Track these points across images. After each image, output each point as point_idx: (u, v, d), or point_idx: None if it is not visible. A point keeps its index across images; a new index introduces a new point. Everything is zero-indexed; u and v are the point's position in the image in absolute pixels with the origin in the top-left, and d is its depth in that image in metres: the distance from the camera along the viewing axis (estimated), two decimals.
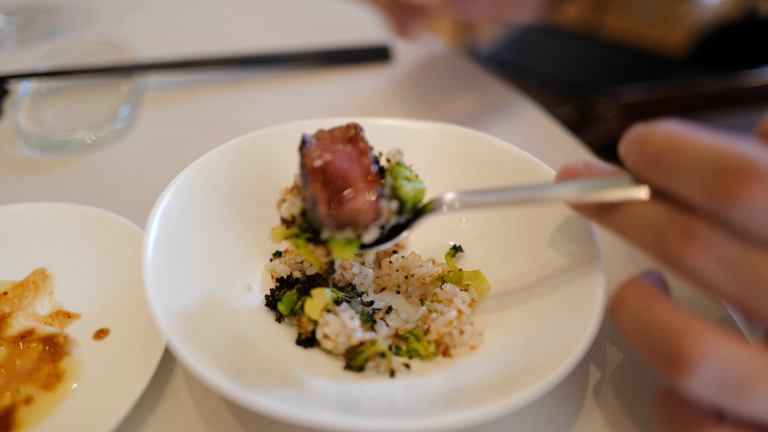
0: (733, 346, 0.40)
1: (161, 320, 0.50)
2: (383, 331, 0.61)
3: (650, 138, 0.44)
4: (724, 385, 0.40)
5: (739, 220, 0.39)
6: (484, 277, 0.65)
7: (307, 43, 1.14)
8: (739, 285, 0.40)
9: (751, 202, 0.38)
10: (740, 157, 0.39)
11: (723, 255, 0.40)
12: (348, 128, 0.58)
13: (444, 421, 0.45)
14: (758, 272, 0.39)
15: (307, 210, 0.56)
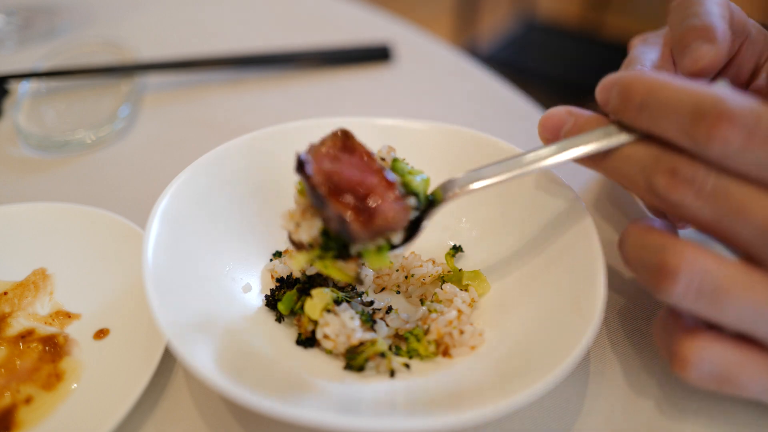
0: (710, 259, 0.45)
1: (161, 320, 0.50)
2: (383, 331, 0.61)
3: (633, 86, 0.48)
4: (701, 292, 0.45)
5: (714, 155, 0.44)
6: (484, 277, 0.65)
7: (307, 43, 1.14)
8: (715, 212, 0.46)
9: (724, 140, 0.43)
10: (714, 101, 0.44)
11: (701, 187, 0.45)
12: (336, 136, 0.57)
13: (444, 421, 0.45)
14: (731, 199, 0.45)
15: (331, 229, 0.53)
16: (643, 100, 0.48)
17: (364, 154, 0.56)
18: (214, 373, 0.48)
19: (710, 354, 0.46)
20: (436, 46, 1.18)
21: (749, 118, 0.43)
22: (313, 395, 0.53)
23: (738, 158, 0.44)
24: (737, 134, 0.43)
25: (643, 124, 0.49)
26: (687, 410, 0.56)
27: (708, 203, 0.46)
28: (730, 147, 0.44)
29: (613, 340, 0.62)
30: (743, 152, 0.44)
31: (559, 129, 0.56)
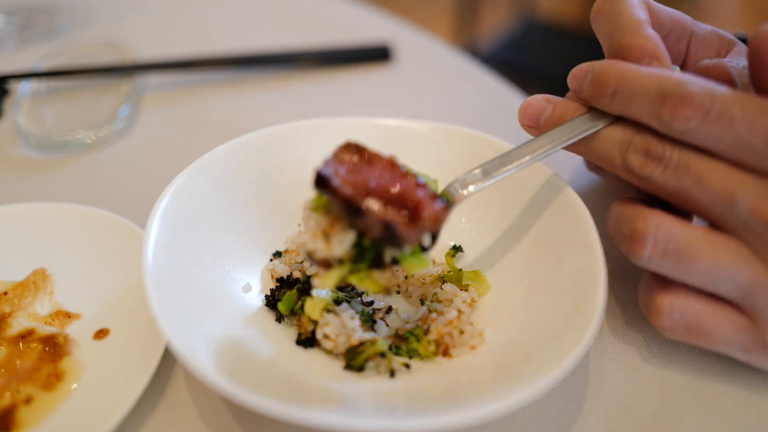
0: (675, 223, 0.51)
1: (161, 320, 0.50)
2: (383, 331, 0.61)
3: (605, 75, 0.55)
4: (667, 252, 0.51)
5: (678, 132, 0.51)
6: (484, 277, 0.65)
7: (307, 43, 1.14)
8: (679, 184, 0.52)
9: (685, 119, 0.49)
10: (675, 84, 0.50)
11: (668, 162, 0.52)
12: (348, 148, 0.56)
13: (444, 421, 0.45)
14: (691, 171, 0.51)
15: (371, 237, 0.52)
16: (615, 88, 0.54)
17: (383, 160, 0.56)
18: (214, 373, 0.48)
19: (681, 304, 0.53)
20: (436, 46, 1.18)
21: (705, 99, 0.49)
22: (313, 395, 0.53)
23: (697, 134, 0.50)
24: (695, 113, 0.49)
25: (616, 108, 0.55)
26: (687, 410, 0.56)
27: (673, 176, 0.52)
28: (690, 124, 0.49)
29: (613, 340, 0.62)
30: (701, 129, 0.49)
31: (538, 116, 0.62)
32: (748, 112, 0.48)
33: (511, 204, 0.68)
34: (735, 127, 0.48)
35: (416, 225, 0.52)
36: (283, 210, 0.71)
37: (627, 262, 0.70)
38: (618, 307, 0.65)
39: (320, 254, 0.53)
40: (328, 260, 0.53)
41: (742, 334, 0.52)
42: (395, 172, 0.56)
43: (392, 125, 0.74)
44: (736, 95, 0.49)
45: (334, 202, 0.52)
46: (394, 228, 0.51)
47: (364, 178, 0.54)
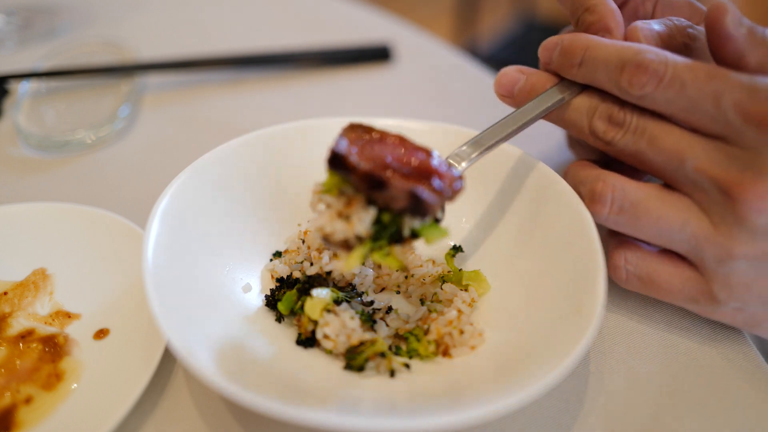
0: (630, 182, 0.58)
1: (161, 321, 0.50)
2: (383, 331, 0.61)
3: (572, 46, 0.60)
4: (622, 209, 0.57)
5: (635, 98, 0.56)
6: (484, 277, 0.65)
7: (307, 43, 1.14)
8: (636, 145, 0.57)
9: (641, 85, 0.55)
10: (633, 53, 0.55)
11: (628, 126, 0.57)
12: (353, 128, 0.57)
13: (444, 421, 0.45)
14: (646, 133, 0.56)
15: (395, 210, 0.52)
16: (582, 58, 0.59)
17: (392, 136, 0.57)
18: (214, 373, 0.48)
19: (634, 257, 0.59)
20: (436, 46, 1.18)
21: (660, 66, 0.53)
22: (313, 395, 0.53)
23: (653, 99, 0.55)
24: (650, 80, 0.54)
25: (583, 77, 0.60)
26: (686, 410, 0.56)
27: (632, 139, 0.57)
28: (645, 90, 0.54)
29: (612, 340, 0.62)
30: (656, 94, 0.54)
31: (513, 86, 0.66)
32: (697, 77, 0.52)
33: (511, 205, 0.68)
34: (686, 91, 0.53)
35: (440, 192, 0.53)
36: (283, 210, 0.71)
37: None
38: (618, 307, 0.65)
39: (339, 235, 0.53)
40: (347, 241, 0.53)
41: (690, 285, 0.57)
42: (407, 145, 0.56)
43: (392, 125, 0.74)
44: (688, 63, 0.53)
45: (352, 180, 0.52)
46: (420, 196, 0.51)
47: (378, 153, 0.54)
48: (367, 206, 0.53)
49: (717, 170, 0.52)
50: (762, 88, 0.50)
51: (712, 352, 0.61)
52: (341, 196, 0.54)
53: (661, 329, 0.63)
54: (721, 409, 0.56)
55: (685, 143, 0.54)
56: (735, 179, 0.51)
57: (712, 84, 0.52)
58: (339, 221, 0.53)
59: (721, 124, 0.52)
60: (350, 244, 0.53)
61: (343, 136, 0.55)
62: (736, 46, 0.55)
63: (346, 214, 0.53)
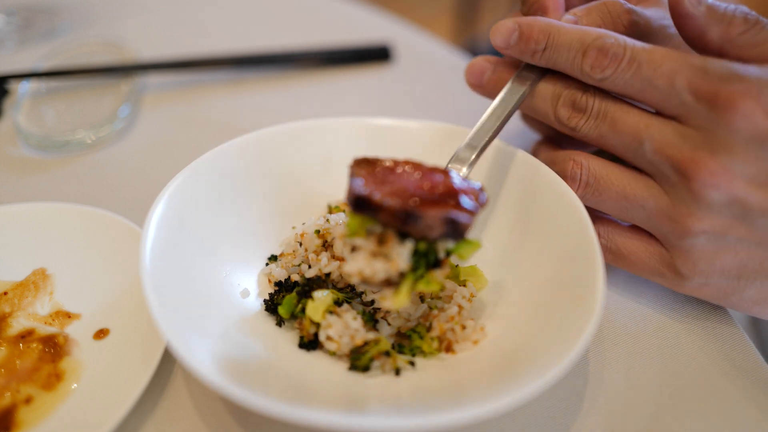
0: (596, 161, 0.62)
1: (161, 322, 0.50)
2: (385, 330, 0.61)
3: (532, 31, 0.62)
4: (588, 184, 0.61)
5: (596, 81, 0.58)
6: (482, 272, 0.65)
7: (307, 43, 1.14)
8: (599, 130, 0.60)
9: (601, 68, 0.57)
10: (594, 37, 0.58)
11: (590, 111, 0.60)
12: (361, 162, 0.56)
13: (451, 418, 0.45)
14: (608, 116, 0.59)
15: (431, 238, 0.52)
16: (545, 43, 0.61)
17: (402, 163, 0.56)
18: (214, 373, 0.48)
19: (606, 232, 0.63)
20: (436, 46, 1.18)
21: (619, 49, 0.56)
22: (318, 396, 0.52)
23: (612, 82, 0.57)
24: (610, 62, 0.57)
25: (546, 62, 0.62)
26: (686, 410, 0.56)
27: (594, 124, 0.60)
28: (606, 73, 0.57)
29: (612, 339, 0.62)
30: (615, 76, 0.57)
31: (481, 76, 0.70)
32: (653, 59, 0.55)
33: (504, 199, 0.68)
34: (642, 71, 0.55)
35: (470, 210, 0.53)
36: (283, 210, 0.71)
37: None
38: (617, 307, 0.65)
39: (381, 275, 0.52)
40: (389, 279, 0.52)
41: (656, 260, 0.60)
42: (421, 169, 0.56)
43: (392, 125, 0.74)
44: (646, 47, 0.56)
45: (380, 218, 0.51)
46: (458, 220, 0.51)
47: (397, 184, 0.53)
48: (402, 240, 0.52)
49: (672, 150, 0.54)
50: (713, 68, 0.52)
51: (712, 352, 0.61)
52: (370, 235, 0.53)
53: (660, 329, 0.63)
54: (721, 409, 0.56)
55: (643, 125, 0.56)
56: (689, 158, 0.53)
57: (667, 65, 0.54)
58: (376, 261, 0.52)
59: (675, 103, 0.54)
60: (392, 281, 0.52)
61: (355, 175, 0.54)
62: (697, 23, 0.57)
63: (383, 253, 0.52)
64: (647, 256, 0.60)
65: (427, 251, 0.53)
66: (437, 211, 0.51)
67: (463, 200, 0.53)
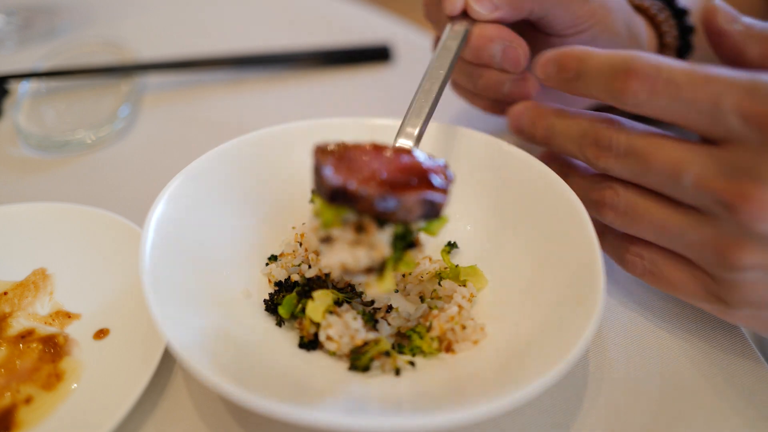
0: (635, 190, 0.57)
1: (160, 323, 0.50)
2: (385, 330, 0.61)
3: (566, 60, 0.57)
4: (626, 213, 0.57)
5: (631, 107, 0.53)
6: (481, 272, 0.65)
7: (307, 43, 1.14)
8: (632, 170, 0.55)
9: (633, 92, 0.51)
10: (624, 60, 0.52)
11: (617, 150, 0.55)
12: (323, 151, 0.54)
13: (451, 418, 0.45)
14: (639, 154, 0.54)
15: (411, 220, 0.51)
16: (576, 71, 0.56)
17: (366, 145, 0.55)
18: (214, 373, 0.48)
19: (648, 254, 0.58)
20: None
21: (651, 71, 0.50)
22: (318, 396, 0.53)
23: (649, 107, 0.52)
24: (643, 85, 0.51)
25: (581, 91, 0.57)
26: (687, 411, 0.56)
27: (624, 163, 0.55)
28: (639, 97, 0.51)
29: (613, 339, 0.62)
30: (649, 101, 0.51)
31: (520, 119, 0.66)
32: (693, 80, 0.49)
33: (504, 198, 0.68)
34: (681, 95, 0.50)
35: (442, 189, 0.52)
36: (281, 211, 0.71)
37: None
38: (617, 307, 0.65)
39: (363, 263, 0.51)
40: (370, 267, 0.51)
41: (701, 288, 0.56)
42: (386, 151, 0.55)
43: (392, 125, 0.74)
44: (684, 67, 0.51)
45: (358, 208, 0.50)
46: (434, 200, 0.51)
47: (367, 169, 0.52)
48: (381, 226, 0.51)
49: (715, 182, 0.50)
50: (762, 87, 0.48)
51: (712, 352, 0.61)
52: (345, 224, 0.52)
53: (661, 329, 0.63)
54: (721, 409, 0.56)
55: (679, 159, 0.51)
56: (734, 189, 0.49)
57: (710, 87, 0.49)
58: (358, 249, 0.51)
59: (721, 128, 0.49)
60: (374, 267, 0.51)
61: (322, 163, 0.52)
62: (734, 41, 0.54)
63: (363, 241, 0.51)
64: (693, 284, 0.56)
65: (404, 233, 0.53)
66: (414, 195, 0.50)
67: (434, 179, 0.52)
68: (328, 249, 0.51)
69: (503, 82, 0.72)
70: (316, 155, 0.53)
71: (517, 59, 0.69)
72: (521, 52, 0.69)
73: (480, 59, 0.69)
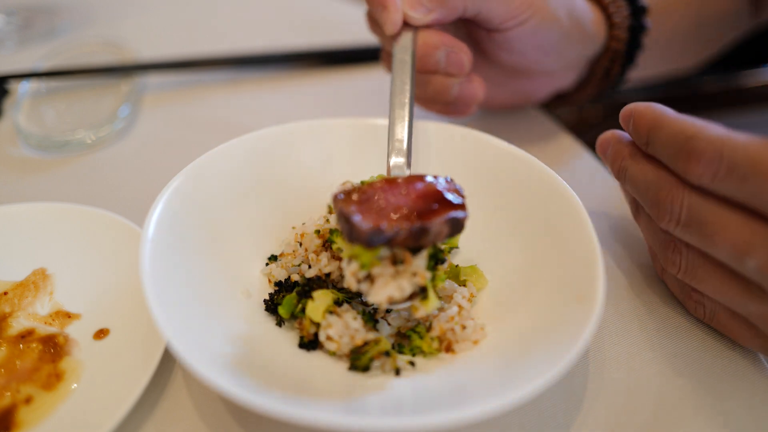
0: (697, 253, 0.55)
1: (160, 323, 0.50)
2: (385, 330, 0.61)
3: (639, 124, 0.57)
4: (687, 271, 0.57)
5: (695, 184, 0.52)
6: (481, 272, 0.65)
7: (307, 43, 1.14)
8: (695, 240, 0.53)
9: (698, 176, 0.50)
10: (687, 140, 0.51)
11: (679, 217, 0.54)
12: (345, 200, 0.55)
13: (451, 418, 0.45)
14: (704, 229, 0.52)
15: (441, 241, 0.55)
16: (647, 138, 0.56)
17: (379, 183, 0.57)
18: (214, 373, 0.48)
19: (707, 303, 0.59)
20: None
21: (714, 158, 0.49)
22: (318, 396, 0.52)
23: (715, 190, 0.50)
24: (705, 171, 0.50)
25: (651, 151, 0.57)
26: (687, 410, 0.56)
27: (686, 232, 0.54)
28: (703, 181, 0.51)
29: (612, 339, 0.62)
30: (714, 186, 0.50)
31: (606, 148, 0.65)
32: (756, 168, 0.47)
33: (504, 198, 0.68)
34: (747, 185, 0.48)
35: (460, 206, 0.54)
36: (283, 210, 0.71)
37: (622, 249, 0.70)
38: (617, 307, 0.65)
39: (408, 291, 0.54)
40: (413, 292, 0.55)
41: (756, 341, 0.56)
42: (399, 184, 0.57)
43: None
44: (747, 150, 0.47)
45: (393, 244, 0.53)
46: (458, 218, 0.53)
47: (389, 206, 0.54)
48: (415, 254, 0.54)
49: None
50: None
51: (712, 352, 0.61)
52: (383, 260, 0.54)
53: (660, 330, 0.63)
54: (721, 409, 0.56)
55: (744, 240, 0.49)
56: None
57: None
58: (402, 280, 0.54)
59: None
60: (416, 292, 0.55)
61: (348, 212, 0.53)
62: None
63: (404, 271, 0.54)
64: (750, 338, 0.57)
65: (435, 253, 0.56)
66: (441, 218, 0.53)
67: (449, 197, 0.55)
68: (371, 287, 0.54)
69: (451, 85, 0.73)
70: (338, 205, 0.55)
71: (461, 63, 0.71)
72: (464, 56, 0.71)
73: (426, 66, 0.71)
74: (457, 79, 0.73)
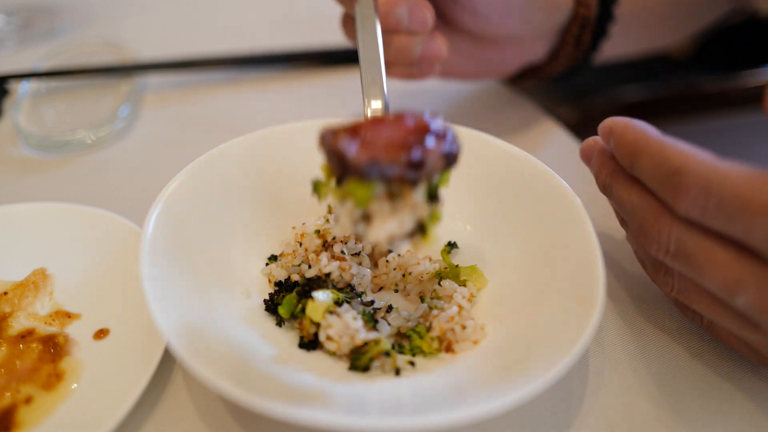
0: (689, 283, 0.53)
1: (161, 322, 0.50)
2: (385, 330, 0.61)
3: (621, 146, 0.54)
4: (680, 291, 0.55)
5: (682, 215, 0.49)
6: (481, 272, 0.65)
7: (307, 43, 1.14)
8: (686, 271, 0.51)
9: (684, 210, 0.48)
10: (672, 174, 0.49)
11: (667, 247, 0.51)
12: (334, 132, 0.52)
13: (451, 418, 0.45)
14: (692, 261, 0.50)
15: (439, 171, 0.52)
16: (630, 163, 0.54)
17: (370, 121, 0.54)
18: (214, 373, 0.48)
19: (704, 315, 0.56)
20: None
21: (700, 192, 0.47)
22: (318, 396, 0.52)
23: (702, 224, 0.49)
24: (693, 206, 0.48)
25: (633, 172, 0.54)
26: (686, 410, 0.56)
27: (674, 262, 0.52)
28: (692, 216, 0.49)
29: (612, 339, 0.62)
30: (703, 221, 0.48)
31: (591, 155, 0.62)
32: (747, 208, 0.45)
33: (504, 198, 0.68)
34: (736, 222, 0.46)
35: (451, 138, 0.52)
36: (283, 210, 0.71)
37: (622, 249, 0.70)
38: (617, 307, 0.65)
39: (409, 226, 0.51)
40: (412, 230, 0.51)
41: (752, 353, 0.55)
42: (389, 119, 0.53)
43: None
44: (735, 188, 0.46)
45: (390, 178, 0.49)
46: (453, 151, 0.52)
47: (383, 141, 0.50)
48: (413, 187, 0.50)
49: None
50: None
51: (712, 352, 0.61)
52: (378, 199, 0.51)
53: (660, 329, 0.63)
54: (721, 409, 0.56)
55: (736, 275, 0.47)
56: None
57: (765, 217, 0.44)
58: (400, 215, 0.51)
59: None
60: (414, 230, 0.51)
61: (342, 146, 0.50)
62: None
63: (402, 207, 0.51)
64: (747, 351, 0.55)
65: (433, 188, 0.52)
66: (432, 151, 0.50)
67: (439, 131, 0.52)
68: (369, 226, 0.51)
69: (414, 45, 0.72)
70: (327, 139, 0.51)
71: (423, 19, 0.69)
72: (427, 12, 0.69)
73: (388, 24, 0.69)
74: (420, 38, 0.72)
